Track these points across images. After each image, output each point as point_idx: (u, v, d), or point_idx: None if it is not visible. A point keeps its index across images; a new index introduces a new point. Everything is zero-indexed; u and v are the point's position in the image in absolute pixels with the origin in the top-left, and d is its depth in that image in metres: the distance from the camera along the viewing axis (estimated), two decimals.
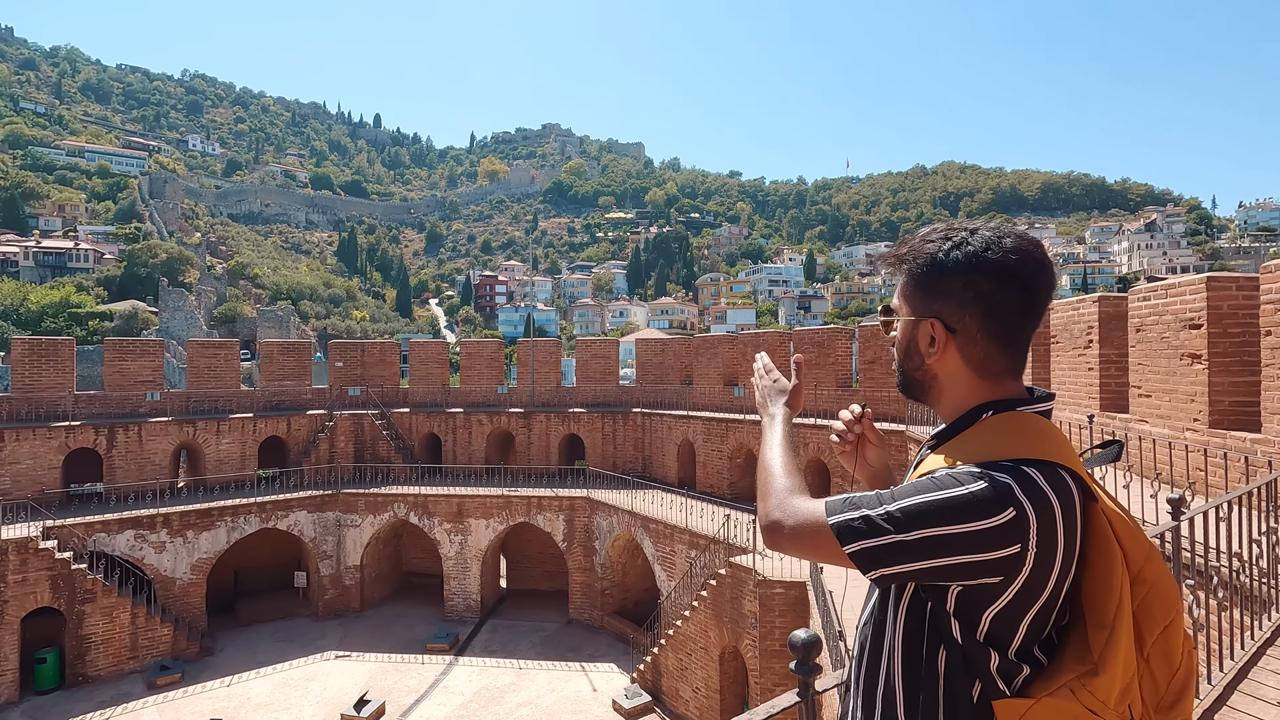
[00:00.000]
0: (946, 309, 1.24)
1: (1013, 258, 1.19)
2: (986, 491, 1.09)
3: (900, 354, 1.33)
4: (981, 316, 1.22)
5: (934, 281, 1.25)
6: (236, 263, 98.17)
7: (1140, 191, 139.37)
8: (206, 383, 23.19)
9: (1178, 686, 1.18)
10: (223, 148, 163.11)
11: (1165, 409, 7.48)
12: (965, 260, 1.21)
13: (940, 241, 1.24)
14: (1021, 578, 1.10)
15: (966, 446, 1.22)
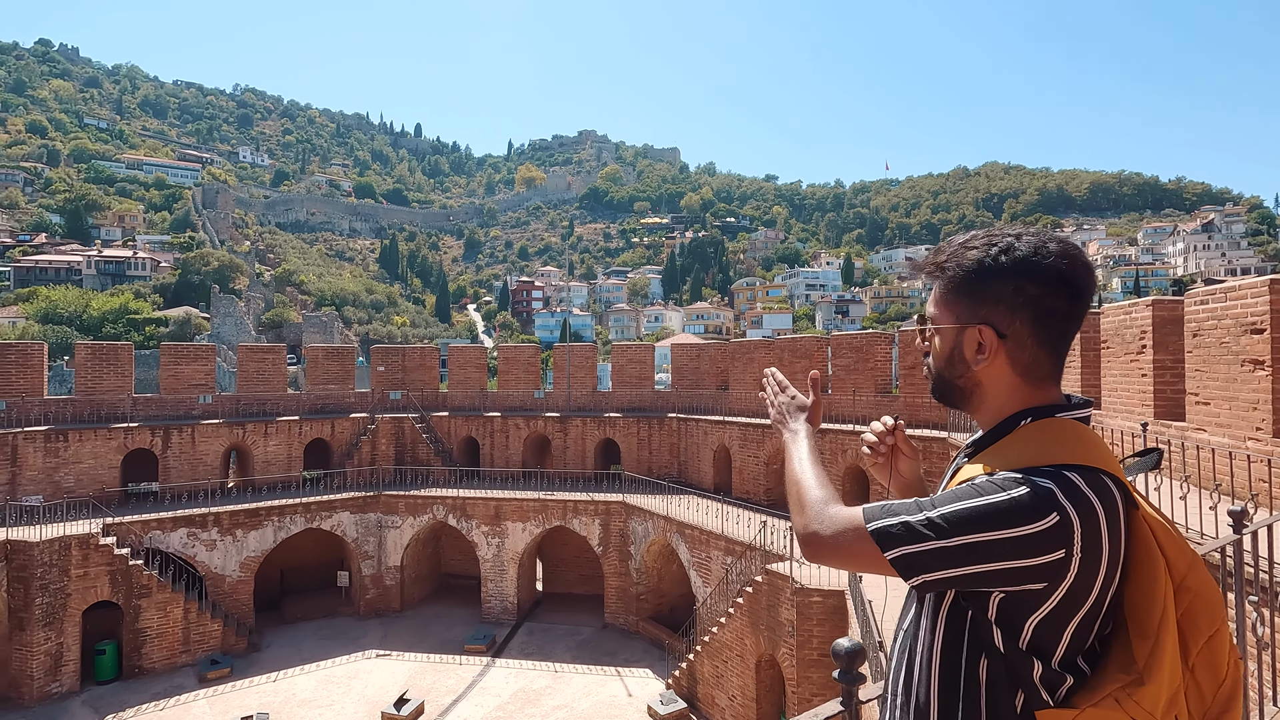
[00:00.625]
0: (996, 314, 1.23)
1: (1063, 262, 1.20)
2: (1029, 497, 1.08)
3: (941, 361, 1.31)
4: (1032, 321, 1.22)
5: (981, 287, 1.24)
6: (283, 270, 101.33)
7: (1196, 190, 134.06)
8: (255, 386, 23.96)
9: (1224, 698, 1.16)
10: (271, 159, 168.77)
11: (1225, 417, 7.17)
12: (1014, 265, 1.20)
13: (985, 248, 1.23)
14: (1066, 584, 1.09)
15: (1007, 453, 1.21)
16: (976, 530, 1.09)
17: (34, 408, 20.30)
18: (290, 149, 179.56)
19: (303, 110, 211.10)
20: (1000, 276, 1.21)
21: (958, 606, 1.18)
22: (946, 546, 1.10)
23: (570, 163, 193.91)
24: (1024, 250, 1.20)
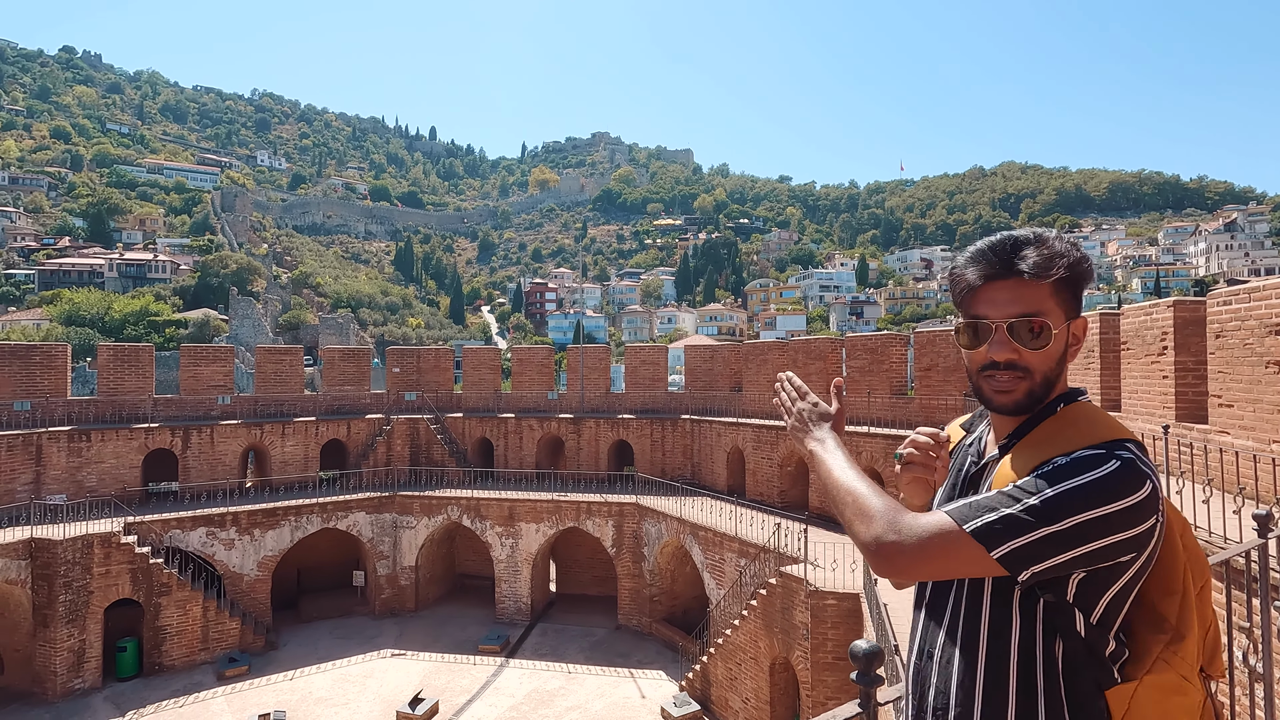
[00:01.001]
0: (1076, 309, 1.29)
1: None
2: (1123, 469, 1.10)
3: (1053, 362, 1.26)
4: (1080, 313, 1.30)
5: (1081, 285, 1.27)
6: (300, 272, 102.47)
7: (1218, 189, 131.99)
8: (273, 387, 24.23)
9: (1212, 641, 1.26)
10: (288, 162, 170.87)
11: (1249, 420, 7.06)
12: (1089, 267, 1.28)
13: (1072, 248, 1.26)
14: (1148, 551, 1.13)
15: (1058, 438, 1.22)
16: (1085, 509, 1.08)
17: (58, 408, 20.66)
18: (307, 153, 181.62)
19: (319, 114, 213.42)
20: (1088, 277, 1.28)
21: (1030, 595, 1.18)
22: (1057, 531, 1.08)
23: (583, 165, 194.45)
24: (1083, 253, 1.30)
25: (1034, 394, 1.25)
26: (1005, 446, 1.29)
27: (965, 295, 1.28)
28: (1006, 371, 1.24)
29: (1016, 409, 1.26)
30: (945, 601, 1.28)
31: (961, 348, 1.32)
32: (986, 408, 1.32)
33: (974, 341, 1.27)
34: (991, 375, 1.26)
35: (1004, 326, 1.22)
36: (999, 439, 1.33)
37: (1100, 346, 11.15)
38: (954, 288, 1.31)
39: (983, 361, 1.26)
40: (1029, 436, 1.25)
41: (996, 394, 1.26)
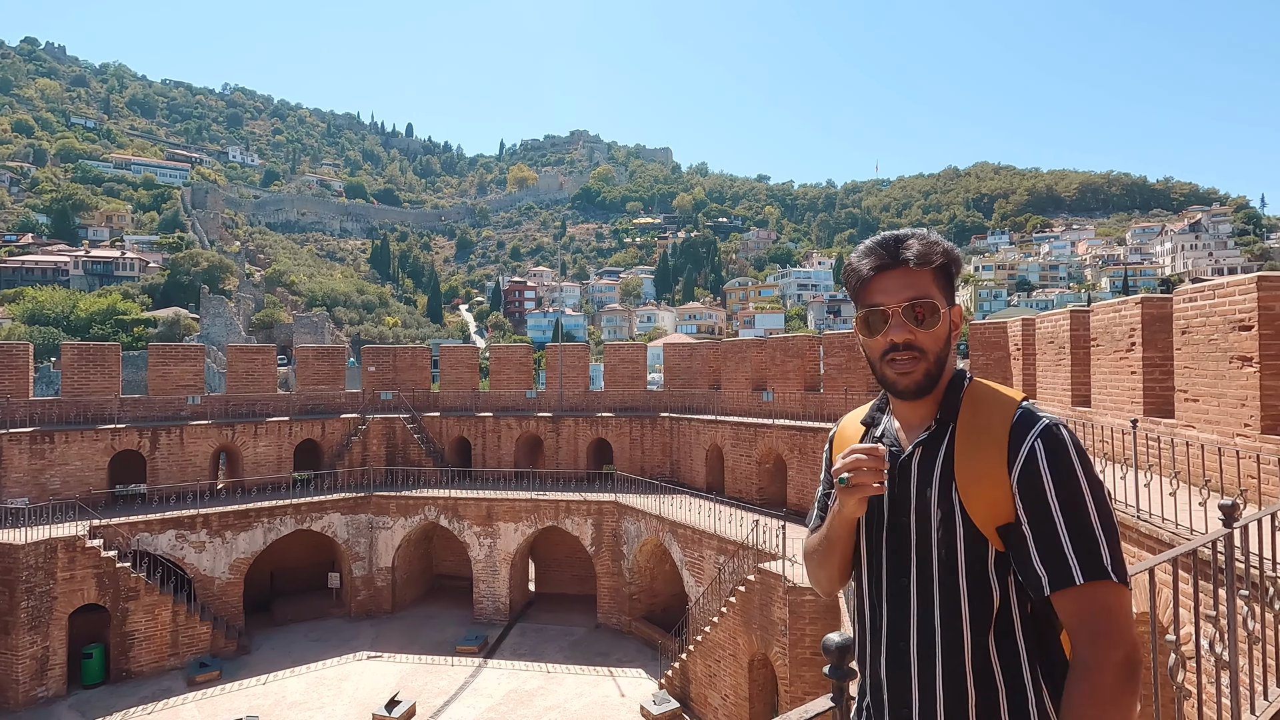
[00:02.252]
0: (953, 298, 1.41)
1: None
2: (1064, 430, 1.28)
3: (942, 344, 1.37)
4: (955, 302, 1.42)
5: (955, 273, 1.41)
6: (274, 270, 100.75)
7: (1184, 191, 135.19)
8: (245, 387, 23.78)
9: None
10: (261, 159, 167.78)
11: (1214, 414, 7.22)
12: (960, 258, 1.43)
13: (941, 240, 1.39)
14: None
15: (988, 418, 1.33)
16: (1101, 489, 1.25)
17: (19, 409, 20.07)
18: (280, 149, 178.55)
19: (293, 110, 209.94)
20: (959, 267, 1.42)
21: (1003, 564, 1.29)
22: (1109, 514, 1.24)
23: (562, 163, 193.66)
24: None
25: (930, 374, 1.35)
26: (937, 433, 1.37)
27: (860, 287, 1.39)
28: (905, 353, 1.34)
29: (918, 390, 1.36)
30: (907, 582, 1.34)
31: (862, 338, 1.42)
32: (891, 393, 1.42)
33: (873, 330, 1.37)
34: (893, 359, 1.35)
35: (899, 310, 1.33)
36: (913, 423, 1.41)
37: (1070, 343, 11.34)
38: (849, 282, 1.42)
39: (883, 347, 1.36)
40: (961, 420, 1.35)
41: (900, 376, 1.36)
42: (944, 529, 1.29)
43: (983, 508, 1.26)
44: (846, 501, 1.30)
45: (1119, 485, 6.51)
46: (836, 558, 1.44)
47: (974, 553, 1.27)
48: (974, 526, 1.27)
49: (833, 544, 1.42)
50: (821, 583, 1.52)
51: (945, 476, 1.31)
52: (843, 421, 1.60)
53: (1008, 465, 1.25)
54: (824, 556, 1.46)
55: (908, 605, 1.31)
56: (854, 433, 1.53)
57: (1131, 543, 5.97)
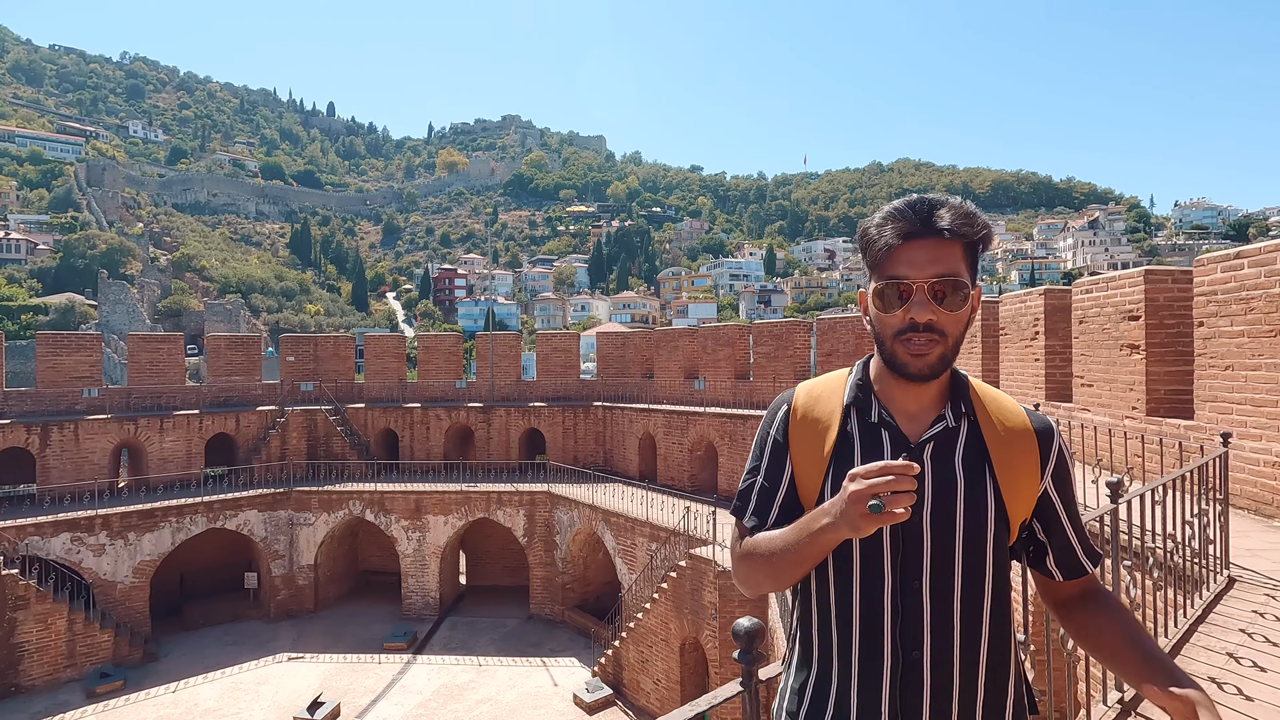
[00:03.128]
0: (976, 277, 1.27)
1: None
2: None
3: (964, 327, 1.23)
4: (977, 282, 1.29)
5: (983, 253, 1.28)
6: (182, 254, 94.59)
7: (1084, 190, 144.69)
8: (149, 379, 22.26)
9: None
10: (166, 134, 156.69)
11: (1106, 398, 7.75)
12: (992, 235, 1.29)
13: (979, 213, 1.24)
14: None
15: (1000, 409, 1.30)
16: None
17: None
18: (188, 124, 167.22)
19: (201, 83, 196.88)
20: (990, 245, 1.27)
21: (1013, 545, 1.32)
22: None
23: (494, 148, 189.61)
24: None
25: (945, 358, 1.21)
26: (952, 426, 1.26)
27: (883, 255, 1.21)
28: (924, 334, 1.19)
29: (931, 373, 1.21)
30: (919, 585, 1.21)
31: (876, 311, 1.23)
32: (899, 374, 1.23)
33: (890, 304, 1.21)
34: (909, 339, 1.20)
35: (924, 286, 1.18)
36: (911, 410, 1.27)
37: (981, 332, 11.96)
38: (869, 248, 1.24)
39: (900, 324, 1.20)
40: (984, 415, 1.28)
41: (914, 358, 1.20)
42: (973, 526, 1.20)
43: (1020, 504, 1.24)
44: (863, 525, 1.05)
45: None
46: (804, 571, 1.23)
47: (1000, 550, 1.24)
48: (1006, 522, 1.23)
49: (807, 560, 1.19)
50: (764, 587, 1.29)
51: (976, 473, 1.23)
52: (803, 397, 1.34)
53: (1041, 463, 1.26)
54: (786, 569, 1.21)
55: (920, 611, 1.19)
56: (827, 414, 1.30)
57: None
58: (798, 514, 1.25)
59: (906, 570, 1.20)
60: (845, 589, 1.24)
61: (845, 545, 1.22)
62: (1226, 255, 5.88)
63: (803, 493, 1.29)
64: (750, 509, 1.32)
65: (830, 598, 1.26)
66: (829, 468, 1.26)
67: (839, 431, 1.27)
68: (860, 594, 1.22)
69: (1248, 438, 5.56)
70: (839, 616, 1.24)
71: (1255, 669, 2.95)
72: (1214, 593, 3.84)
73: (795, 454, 1.30)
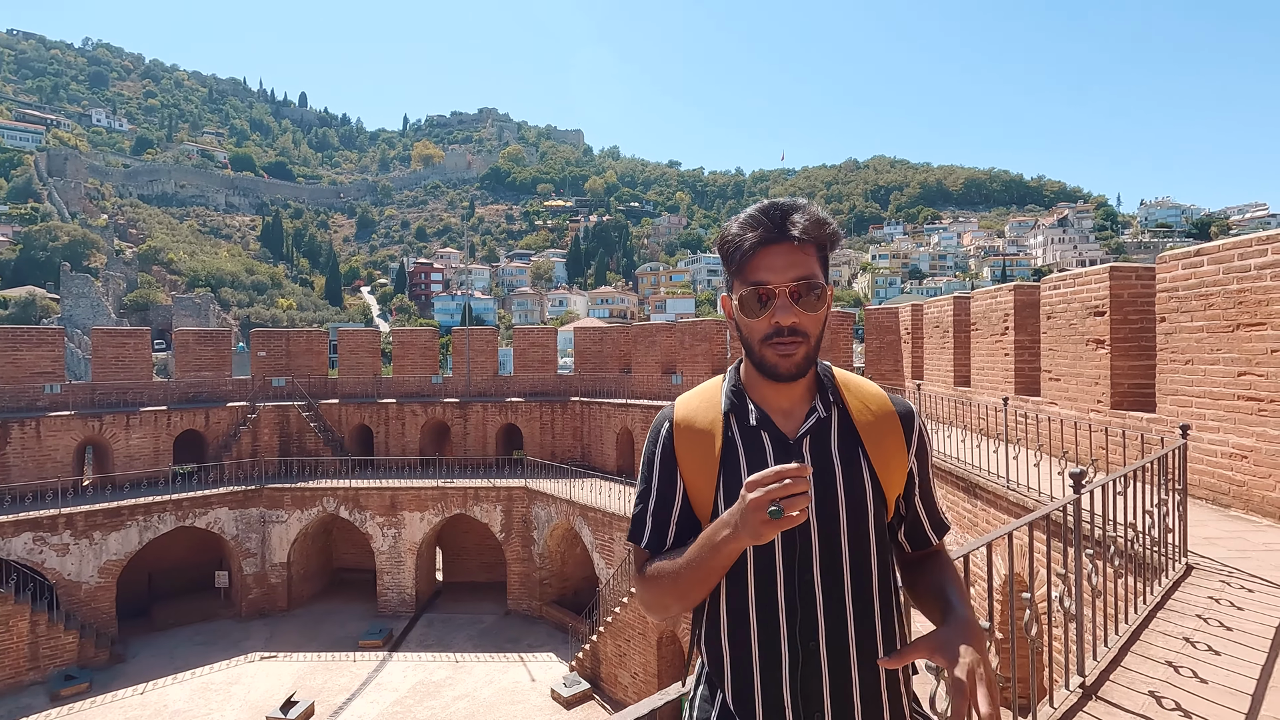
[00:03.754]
0: (828, 277, 1.34)
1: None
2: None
3: (823, 326, 1.28)
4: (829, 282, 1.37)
5: (833, 251, 1.34)
6: (149, 247, 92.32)
7: (1054, 188, 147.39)
8: (114, 374, 21.73)
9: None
10: (131, 124, 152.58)
11: (1073, 391, 7.93)
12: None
13: (829, 217, 1.31)
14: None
15: (868, 397, 1.35)
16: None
17: None
18: (154, 114, 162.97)
19: (168, 71, 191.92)
20: (838, 245, 1.33)
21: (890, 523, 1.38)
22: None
23: (470, 141, 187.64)
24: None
25: (809, 357, 1.27)
26: (824, 417, 1.31)
27: (743, 262, 1.25)
28: (789, 337, 1.24)
29: (799, 372, 1.26)
30: (811, 578, 1.23)
31: (742, 317, 1.27)
32: (769, 376, 1.27)
33: (755, 309, 1.25)
34: (776, 342, 1.24)
35: (785, 291, 1.23)
36: (783, 407, 1.31)
37: (954, 328, 12.13)
38: (729, 255, 1.28)
39: (767, 329, 1.24)
40: (852, 404, 1.34)
41: (782, 359, 1.25)
42: (855, 511, 1.25)
43: (893, 481, 1.30)
44: (764, 532, 1.05)
45: (991, 459, 7.04)
46: (710, 586, 1.23)
47: (880, 530, 1.28)
48: (884, 500, 1.29)
49: (713, 573, 1.18)
50: (672, 609, 1.27)
51: (852, 459, 1.28)
52: (681, 410, 1.35)
53: (906, 445, 1.32)
54: (692, 586, 1.21)
55: (813, 602, 1.22)
56: (706, 423, 1.32)
57: (1001, 510, 6.49)
58: (695, 530, 1.26)
59: (799, 564, 1.23)
60: (740, 592, 1.25)
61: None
62: (1188, 253, 6.04)
63: (696, 506, 1.31)
64: (647, 533, 1.32)
65: (725, 603, 1.27)
66: (719, 477, 1.28)
67: (722, 439, 1.30)
68: (755, 594, 1.24)
69: (1206, 430, 5.73)
70: (736, 619, 1.25)
71: (1210, 653, 3.05)
72: (1172, 580, 3.96)
73: (684, 468, 1.31)
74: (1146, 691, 2.75)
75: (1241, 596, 3.68)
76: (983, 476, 6.77)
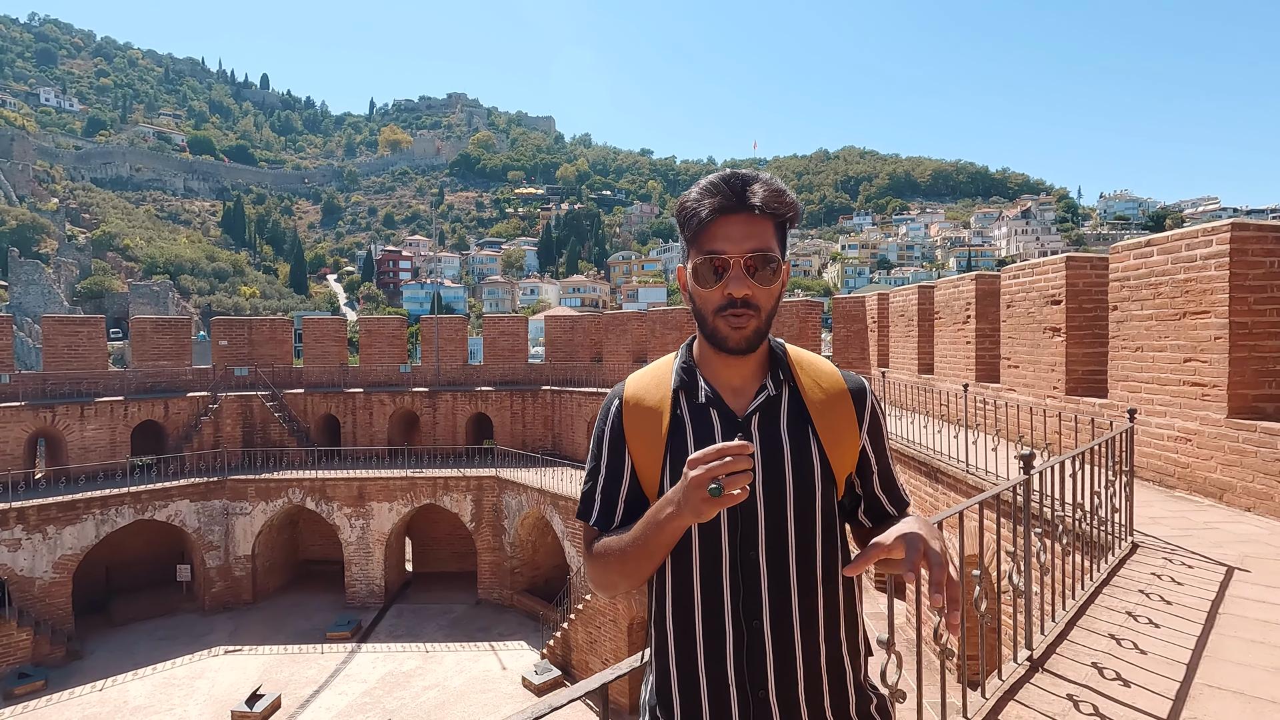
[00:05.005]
0: (785, 252, 1.30)
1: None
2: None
3: (775, 301, 1.26)
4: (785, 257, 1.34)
5: (792, 226, 1.29)
6: (103, 232, 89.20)
7: (1019, 181, 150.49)
8: (67, 363, 21.02)
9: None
10: (82, 104, 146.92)
11: (1030, 378, 8.15)
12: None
13: (788, 189, 1.26)
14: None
15: (820, 374, 1.33)
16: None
17: None
18: (107, 94, 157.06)
19: (121, 50, 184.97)
20: (798, 220, 1.27)
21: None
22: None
23: (439, 126, 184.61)
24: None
25: (760, 331, 1.24)
26: (774, 394, 1.28)
27: (699, 230, 1.22)
28: (742, 309, 1.21)
29: (749, 346, 1.24)
30: (755, 555, 1.22)
31: (696, 287, 1.24)
32: (720, 349, 1.25)
33: (709, 279, 1.22)
34: (728, 315, 1.22)
35: (740, 262, 1.20)
36: (734, 384, 1.29)
37: (918, 316, 12.35)
38: (685, 222, 1.24)
39: (720, 300, 1.21)
40: (803, 381, 1.30)
41: (734, 331, 1.22)
42: (802, 490, 1.23)
43: (843, 459, 1.28)
44: (705, 510, 1.04)
45: (952, 443, 7.22)
46: (655, 563, 1.22)
47: (828, 508, 1.26)
48: (832, 478, 1.27)
49: (658, 551, 1.18)
50: (619, 587, 1.27)
51: (801, 437, 1.26)
52: (631, 387, 1.34)
53: (858, 423, 1.30)
54: (638, 564, 1.20)
55: (757, 580, 1.21)
56: (657, 400, 1.30)
57: (960, 493, 6.66)
58: (643, 507, 1.24)
59: (743, 543, 1.21)
60: (685, 570, 1.24)
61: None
62: (1139, 243, 6.23)
63: (644, 484, 1.29)
64: (595, 511, 1.32)
65: (670, 583, 1.26)
66: (665, 454, 1.26)
67: (670, 416, 1.28)
68: (700, 574, 1.23)
69: (1154, 414, 5.95)
70: (682, 597, 1.25)
71: (1150, 625, 3.19)
72: (1119, 557, 4.12)
73: (632, 446, 1.30)
74: (1090, 663, 2.86)
75: (1182, 572, 3.85)
76: (943, 461, 6.93)
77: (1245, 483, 5.06)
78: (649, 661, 1.33)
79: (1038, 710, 2.55)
